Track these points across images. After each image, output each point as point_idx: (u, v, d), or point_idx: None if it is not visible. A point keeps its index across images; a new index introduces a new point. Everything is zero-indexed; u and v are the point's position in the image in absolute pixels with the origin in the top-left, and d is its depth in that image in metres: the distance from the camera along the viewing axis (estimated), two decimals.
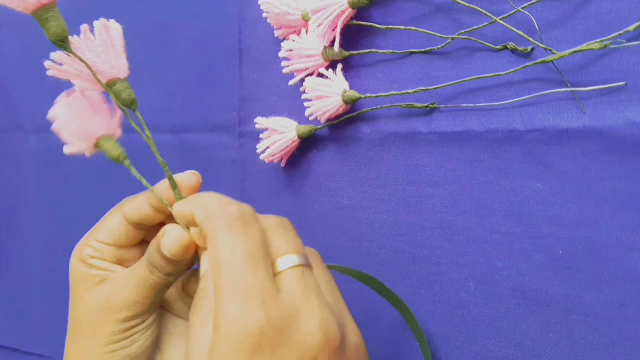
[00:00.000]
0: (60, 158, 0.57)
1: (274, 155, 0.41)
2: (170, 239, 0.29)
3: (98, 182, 0.54)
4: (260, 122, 0.41)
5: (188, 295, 0.34)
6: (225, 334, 0.23)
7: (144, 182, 0.30)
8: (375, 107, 0.39)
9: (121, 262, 0.32)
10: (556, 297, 0.34)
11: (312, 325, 0.24)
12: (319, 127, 0.41)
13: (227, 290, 0.24)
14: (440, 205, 0.37)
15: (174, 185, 0.30)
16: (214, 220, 0.27)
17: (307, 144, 0.42)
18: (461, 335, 0.37)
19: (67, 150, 0.30)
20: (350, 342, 0.26)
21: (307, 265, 0.27)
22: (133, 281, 0.30)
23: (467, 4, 0.35)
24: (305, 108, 0.40)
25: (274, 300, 0.24)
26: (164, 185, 0.30)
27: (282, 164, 0.43)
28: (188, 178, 0.31)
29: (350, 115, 0.40)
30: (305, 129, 0.40)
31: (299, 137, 0.40)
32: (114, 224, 0.32)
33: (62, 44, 0.29)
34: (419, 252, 0.38)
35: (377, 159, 0.39)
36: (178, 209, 0.29)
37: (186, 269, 0.31)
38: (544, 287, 0.34)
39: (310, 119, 0.40)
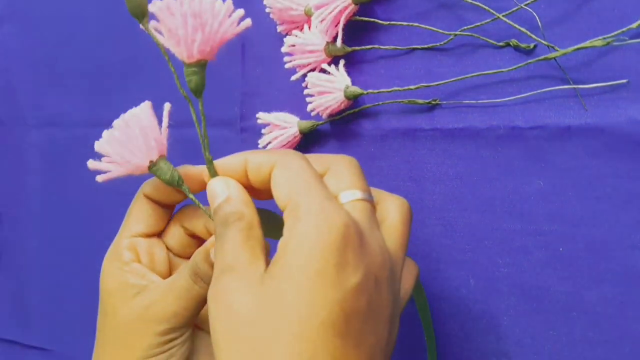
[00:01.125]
0: (63, 152, 0.57)
1: None
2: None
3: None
4: (262, 117, 0.41)
5: None
6: (314, 223, 0.23)
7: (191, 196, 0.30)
8: (377, 103, 0.39)
9: (153, 265, 0.31)
10: (556, 294, 0.34)
11: (377, 246, 0.24)
12: (320, 122, 0.41)
13: (305, 191, 0.24)
14: (441, 202, 0.37)
15: (213, 173, 0.30)
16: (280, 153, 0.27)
17: (309, 140, 0.42)
18: (461, 331, 0.37)
19: (101, 178, 0.30)
20: (398, 276, 0.26)
21: (369, 201, 0.26)
22: (174, 292, 0.29)
23: (469, 1, 0.35)
24: (307, 103, 0.40)
25: (342, 207, 0.24)
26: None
27: None
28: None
29: (352, 110, 0.40)
30: (307, 124, 0.40)
31: (301, 132, 0.41)
32: (141, 210, 0.31)
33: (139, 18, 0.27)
34: (419, 248, 0.38)
35: (379, 154, 0.39)
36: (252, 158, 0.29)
37: None
38: (544, 284, 0.34)
39: (312, 114, 0.40)
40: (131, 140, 0.28)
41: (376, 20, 0.38)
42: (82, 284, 0.56)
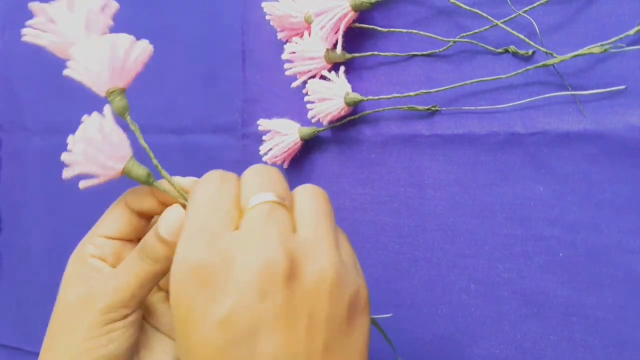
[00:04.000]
0: None
1: (276, 157, 0.41)
2: (172, 214, 0.29)
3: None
4: (263, 123, 0.42)
5: None
6: (175, 262, 0.24)
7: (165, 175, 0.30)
8: (377, 110, 0.39)
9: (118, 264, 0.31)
10: (556, 299, 0.34)
11: (254, 255, 0.23)
12: (321, 129, 0.41)
13: (187, 221, 0.25)
14: (442, 207, 0.37)
15: (172, 184, 0.30)
16: (200, 181, 0.27)
17: (310, 146, 0.42)
18: (462, 336, 0.37)
19: (87, 183, 0.30)
20: (310, 276, 0.23)
21: (273, 201, 0.25)
22: (119, 270, 0.30)
23: (468, 8, 0.35)
24: (307, 110, 0.40)
25: (224, 235, 0.24)
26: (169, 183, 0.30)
27: (285, 166, 0.43)
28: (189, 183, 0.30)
29: (352, 117, 0.40)
30: (308, 130, 0.41)
31: (302, 138, 0.41)
32: (117, 215, 0.31)
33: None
34: (420, 253, 0.38)
35: (379, 160, 0.40)
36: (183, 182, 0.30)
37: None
38: (544, 289, 0.34)
39: (313, 120, 0.40)
40: (100, 148, 0.29)
41: (376, 27, 0.39)
42: None
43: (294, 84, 0.40)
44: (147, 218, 0.32)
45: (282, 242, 0.23)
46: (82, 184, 0.30)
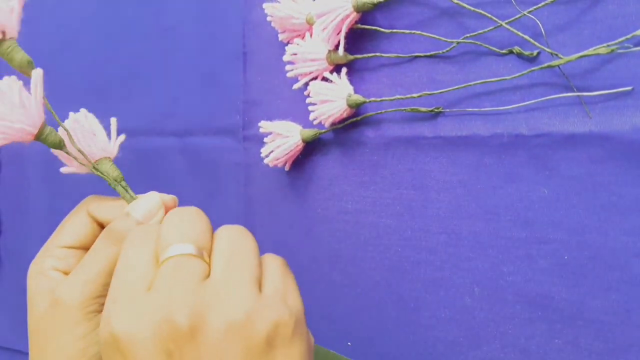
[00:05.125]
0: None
1: (278, 159, 0.41)
2: (147, 200, 0.29)
3: (101, 185, 0.54)
4: (264, 125, 0.41)
5: None
6: (100, 336, 0.24)
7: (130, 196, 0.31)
8: (379, 111, 0.39)
9: None
10: (561, 302, 0.34)
11: (154, 314, 0.23)
12: (323, 131, 0.40)
13: (109, 292, 0.25)
14: (445, 210, 0.37)
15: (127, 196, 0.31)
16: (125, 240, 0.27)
17: (311, 148, 0.42)
18: (466, 340, 0.37)
19: (65, 170, 0.31)
20: (216, 325, 0.23)
21: (184, 253, 0.25)
22: (82, 262, 0.29)
23: (472, 8, 0.35)
24: (309, 112, 0.40)
25: (133, 300, 0.24)
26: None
27: (286, 168, 0.43)
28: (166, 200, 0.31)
29: (355, 119, 0.39)
30: (310, 132, 0.40)
31: (303, 140, 0.40)
32: (77, 222, 0.31)
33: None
34: (423, 256, 0.38)
35: (382, 163, 0.39)
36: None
37: None
38: (549, 292, 0.34)
39: (315, 122, 0.40)
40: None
41: (378, 28, 0.38)
42: None
43: (296, 86, 0.40)
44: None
45: (185, 297, 0.23)
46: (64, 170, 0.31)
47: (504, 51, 0.35)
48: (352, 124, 0.40)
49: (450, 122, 0.37)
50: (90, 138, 0.31)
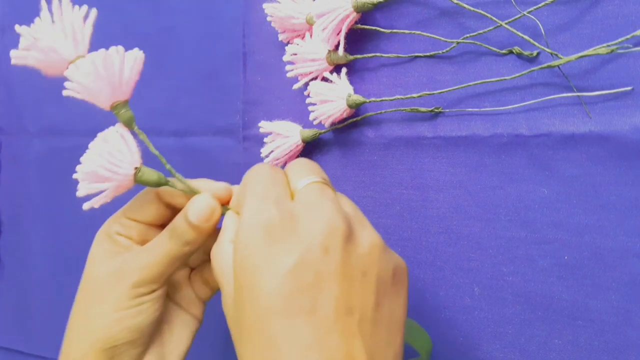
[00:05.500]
0: (64, 161, 0.57)
1: (277, 159, 0.41)
2: (200, 202, 0.31)
3: None
4: (264, 125, 0.41)
5: (204, 282, 0.36)
6: (243, 223, 0.26)
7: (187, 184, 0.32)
8: (379, 111, 0.39)
9: (144, 244, 0.33)
10: (561, 302, 0.34)
11: (317, 217, 0.26)
12: (323, 131, 0.40)
13: (249, 194, 0.28)
14: (445, 210, 0.37)
15: (188, 191, 0.32)
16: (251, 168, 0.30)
17: (311, 148, 0.42)
18: (465, 340, 0.37)
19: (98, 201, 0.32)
20: (364, 241, 0.26)
21: (322, 181, 0.29)
22: (148, 248, 0.32)
23: (472, 8, 0.35)
24: (309, 112, 0.40)
25: (286, 202, 0.27)
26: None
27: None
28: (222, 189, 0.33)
29: (355, 119, 0.39)
30: (309, 132, 0.40)
31: (303, 141, 0.40)
32: (146, 200, 0.33)
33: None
34: (423, 256, 0.38)
35: (381, 163, 0.39)
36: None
37: (201, 243, 0.32)
38: (549, 292, 0.34)
39: (314, 122, 0.40)
40: (113, 153, 0.31)
41: (378, 28, 0.38)
42: None
43: (296, 86, 0.40)
44: (174, 209, 0.34)
45: (339, 209, 0.26)
46: (92, 203, 0.32)
47: (503, 51, 0.35)
48: (352, 124, 0.40)
49: (450, 122, 0.37)
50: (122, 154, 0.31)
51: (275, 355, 0.24)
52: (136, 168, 0.30)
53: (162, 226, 0.34)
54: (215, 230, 0.32)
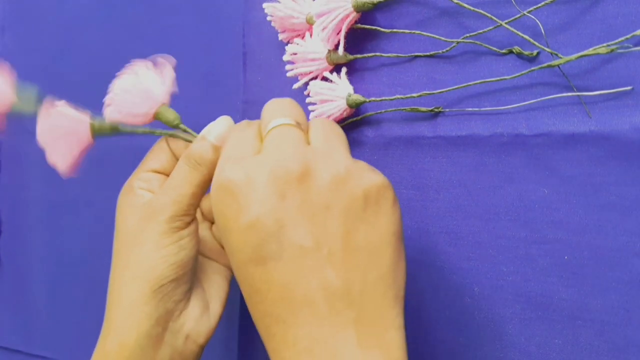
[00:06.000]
0: None
1: None
2: (219, 123, 0.34)
3: (101, 185, 0.54)
4: None
5: None
6: (212, 187, 0.29)
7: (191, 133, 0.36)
8: (379, 111, 0.39)
9: None
10: (561, 302, 0.34)
11: (270, 165, 0.27)
12: None
13: (219, 160, 0.30)
14: (445, 210, 0.37)
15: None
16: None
17: None
18: (465, 340, 0.37)
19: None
20: (325, 175, 0.27)
21: (286, 124, 0.30)
22: (170, 182, 0.34)
23: (472, 8, 0.35)
24: (309, 111, 0.39)
25: (243, 160, 0.28)
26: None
27: None
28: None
29: (355, 118, 0.39)
30: None
31: None
32: (160, 150, 0.36)
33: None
34: (422, 256, 0.38)
35: (381, 162, 0.39)
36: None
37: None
38: (549, 292, 0.34)
39: None
40: (139, 91, 0.34)
41: (378, 28, 0.38)
42: (84, 291, 0.55)
43: (296, 86, 0.40)
44: None
45: (295, 151, 0.27)
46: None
47: (503, 51, 0.35)
48: (352, 124, 0.40)
49: (450, 122, 0.37)
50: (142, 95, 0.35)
51: (258, 298, 0.27)
52: (157, 108, 0.34)
53: None
54: None
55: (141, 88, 0.34)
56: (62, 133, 0.33)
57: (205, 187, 0.34)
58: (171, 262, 0.32)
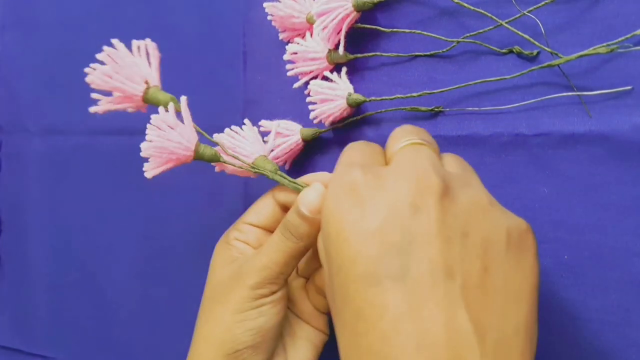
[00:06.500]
0: (64, 160, 0.57)
1: (278, 158, 0.41)
2: (311, 192, 0.31)
3: (101, 184, 0.54)
4: (265, 124, 0.41)
5: (318, 291, 0.36)
6: (329, 189, 0.25)
7: (295, 183, 0.34)
8: (379, 110, 0.39)
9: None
10: (561, 301, 0.34)
11: (406, 175, 0.24)
12: (323, 130, 0.40)
13: (337, 163, 0.27)
14: None
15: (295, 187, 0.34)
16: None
17: (311, 147, 0.42)
18: None
19: (229, 171, 0.36)
20: (464, 198, 0.23)
21: (418, 142, 0.27)
22: (265, 248, 0.32)
23: (472, 7, 0.35)
24: (309, 111, 0.39)
25: (374, 166, 0.26)
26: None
27: (286, 167, 0.43)
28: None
29: (355, 118, 0.39)
30: (310, 131, 0.40)
31: (303, 140, 0.40)
32: (262, 205, 0.35)
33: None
34: None
35: None
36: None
37: (316, 237, 0.31)
38: (549, 291, 0.34)
39: (315, 121, 0.40)
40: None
41: (378, 27, 0.38)
42: (83, 291, 0.55)
43: (296, 85, 0.40)
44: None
45: (434, 166, 0.24)
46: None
47: (504, 50, 0.35)
48: (352, 123, 0.40)
49: (450, 122, 0.37)
50: (244, 145, 0.36)
51: (363, 329, 0.21)
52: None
53: None
54: None
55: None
56: (169, 149, 0.33)
57: (298, 257, 0.32)
58: (249, 327, 0.31)
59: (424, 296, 0.21)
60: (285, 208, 0.35)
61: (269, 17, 0.41)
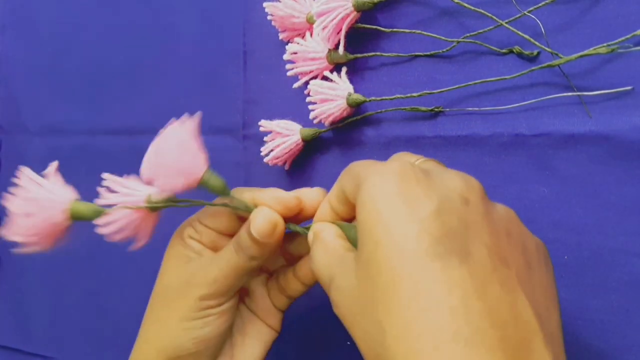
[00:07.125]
0: (65, 160, 0.56)
1: (277, 158, 0.41)
2: (261, 218, 0.30)
3: (101, 184, 0.54)
4: (265, 124, 0.41)
5: (280, 289, 0.35)
6: (372, 179, 0.24)
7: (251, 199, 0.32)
8: (379, 110, 0.39)
9: (215, 249, 0.33)
10: (561, 302, 0.33)
11: (451, 174, 0.24)
12: (323, 130, 0.40)
13: (367, 165, 0.26)
14: None
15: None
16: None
17: (311, 147, 0.42)
18: None
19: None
20: (500, 206, 0.25)
21: (437, 161, 0.28)
22: (217, 260, 0.32)
23: (472, 8, 0.35)
24: (309, 111, 0.39)
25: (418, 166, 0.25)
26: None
27: (286, 167, 0.43)
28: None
29: (355, 118, 0.39)
30: (309, 131, 0.40)
31: (303, 139, 0.40)
32: (218, 209, 0.33)
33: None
34: None
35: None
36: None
37: (268, 256, 0.32)
38: None
39: (315, 121, 0.40)
40: (178, 158, 0.31)
41: (378, 27, 0.38)
42: (82, 291, 0.55)
43: (296, 85, 0.40)
44: (244, 221, 0.33)
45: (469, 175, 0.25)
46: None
47: (504, 51, 0.35)
48: (352, 123, 0.40)
49: (450, 122, 0.37)
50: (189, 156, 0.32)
51: (427, 304, 0.20)
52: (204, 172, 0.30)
53: (233, 235, 0.33)
54: (282, 243, 0.32)
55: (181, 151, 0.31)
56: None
57: (250, 274, 0.33)
58: (193, 335, 0.31)
59: (487, 278, 0.21)
60: (241, 218, 0.33)
61: (269, 17, 0.41)
